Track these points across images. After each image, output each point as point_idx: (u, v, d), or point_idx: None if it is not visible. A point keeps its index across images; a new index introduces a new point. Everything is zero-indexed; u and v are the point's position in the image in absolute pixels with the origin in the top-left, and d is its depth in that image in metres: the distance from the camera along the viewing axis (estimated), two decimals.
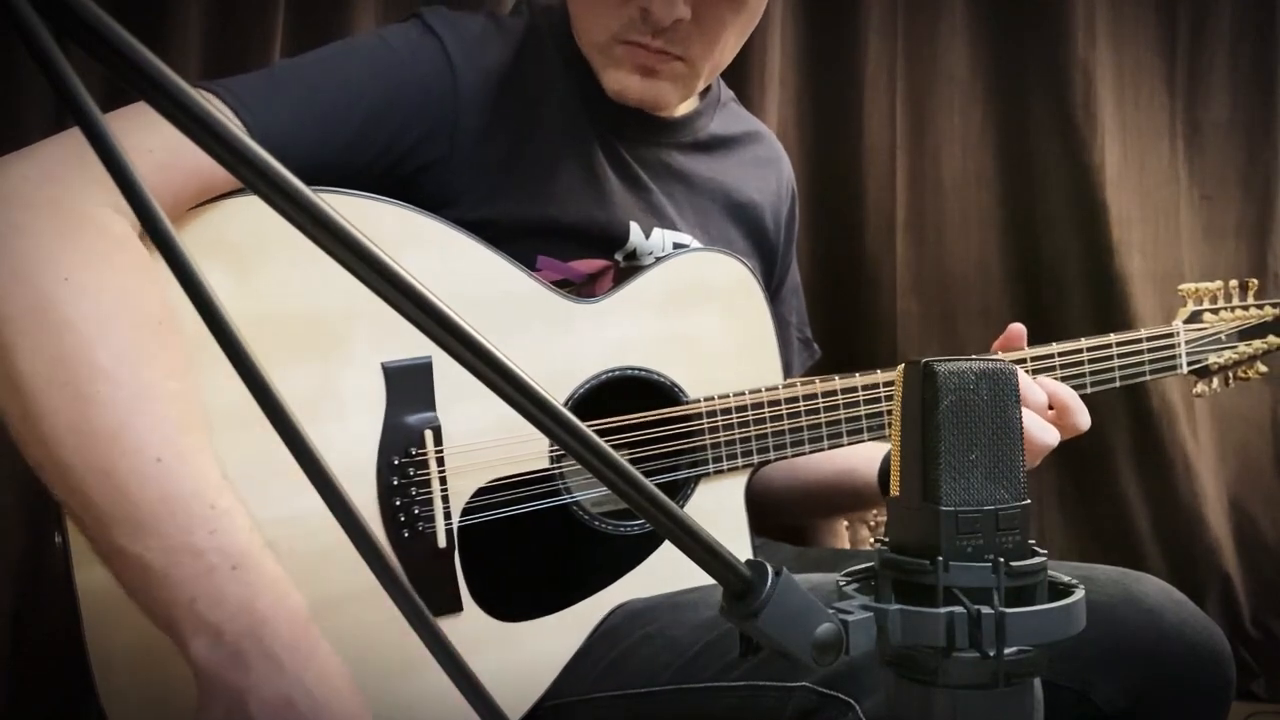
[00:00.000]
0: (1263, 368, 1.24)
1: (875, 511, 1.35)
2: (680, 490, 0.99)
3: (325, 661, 0.71)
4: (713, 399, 0.98)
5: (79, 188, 0.74)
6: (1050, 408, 1.00)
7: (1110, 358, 1.12)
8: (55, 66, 0.29)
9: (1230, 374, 1.23)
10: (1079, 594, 0.45)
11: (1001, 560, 0.43)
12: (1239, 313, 1.22)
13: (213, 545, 0.69)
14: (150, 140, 0.75)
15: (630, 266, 1.02)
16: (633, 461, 0.38)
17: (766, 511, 1.21)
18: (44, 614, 1.26)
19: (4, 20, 0.28)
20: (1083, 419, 1.01)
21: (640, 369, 0.97)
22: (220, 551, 0.69)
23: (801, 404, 1.00)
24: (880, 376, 1.03)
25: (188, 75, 0.75)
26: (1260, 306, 1.23)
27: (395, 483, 0.86)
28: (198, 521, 0.69)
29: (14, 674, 1.26)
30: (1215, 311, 1.21)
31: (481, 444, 0.89)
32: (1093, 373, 1.10)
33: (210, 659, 0.68)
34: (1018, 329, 1.08)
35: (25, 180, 0.75)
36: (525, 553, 0.92)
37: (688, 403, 0.98)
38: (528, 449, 0.91)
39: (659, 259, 1.01)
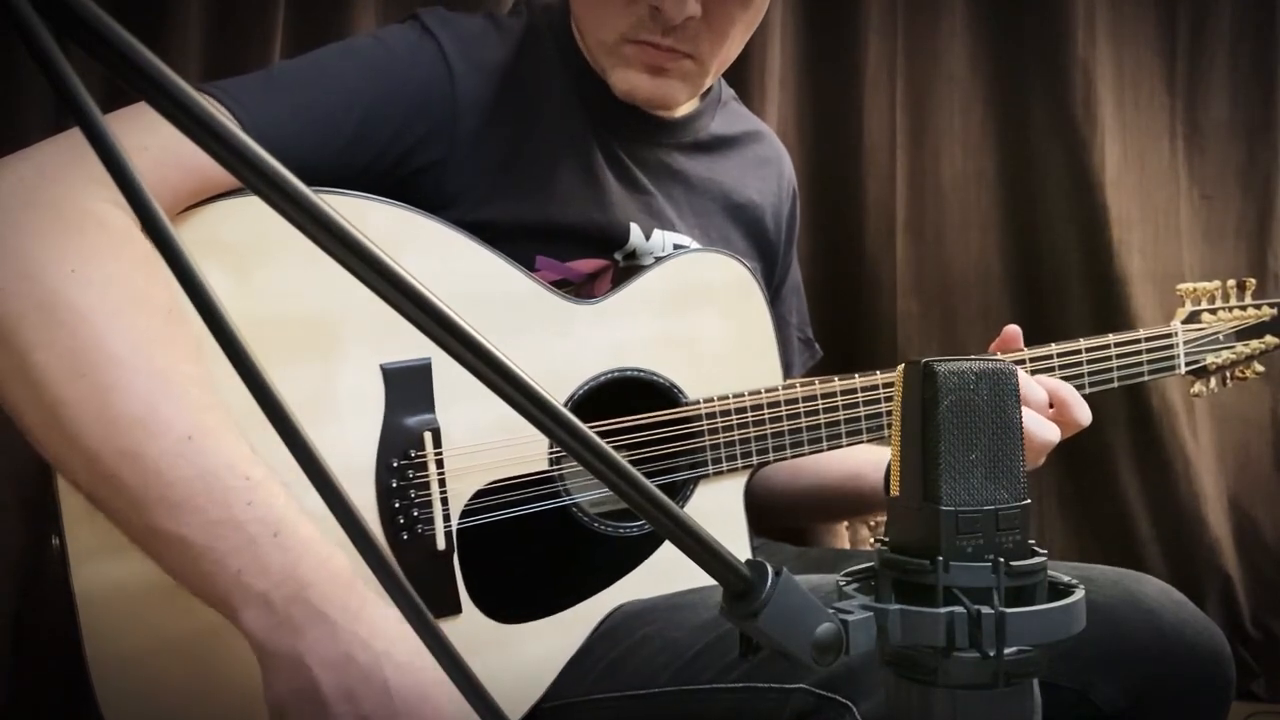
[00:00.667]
0: (1259, 367, 1.24)
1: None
2: (680, 491, 0.99)
3: (376, 614, 0.71)
4: (712, 400, 0.98)
5: (79, 185, 0.75)
6: (1050, 405, 1.00)
7: (1109, 358, 1.12)
8: (55, 66, 0.29)
9: (1228, 374, 1.23)
10: (1079, 594, 0.45)
11: (1001, 560, 0.43)
12: (1236, 313, 1.22)
13: (252, 516, 0.70)
14: (146, 139, 0.75)
15: (630, 266, 1.02)
16: (632, 463, 0.38)
17: (769, 514, 1.21)
18: (44, 614, 1.26)
19: (4, 20, 0.28)
20: (1083, 414, 1.01)
21: (640, 370, 0.97)
22: (260, 521, 0.70)
23: (801, 405, 1.00)
24: (880, 378, 1.03)
25: (188, 75, 0.75)
26: (1258, 306, 1.23)
27: (394, 485, 0.86)
28: (234, 494, 0.70)
29: (14, 674, 1.26)
30: (1214, 312, 1.21)
31: (480, 446, 0.89)
32: (1091, 373, 1.10)
33: (263, 628, 0.69)
34: (1013, 330, 1.08)
35: (23, 181, 0.75)
36: (524, 554, 0.92)
37: (687, 404, 0.98)
38: (527, 451, 0.91)
39: (659, 259, 1.01)
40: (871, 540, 1.02)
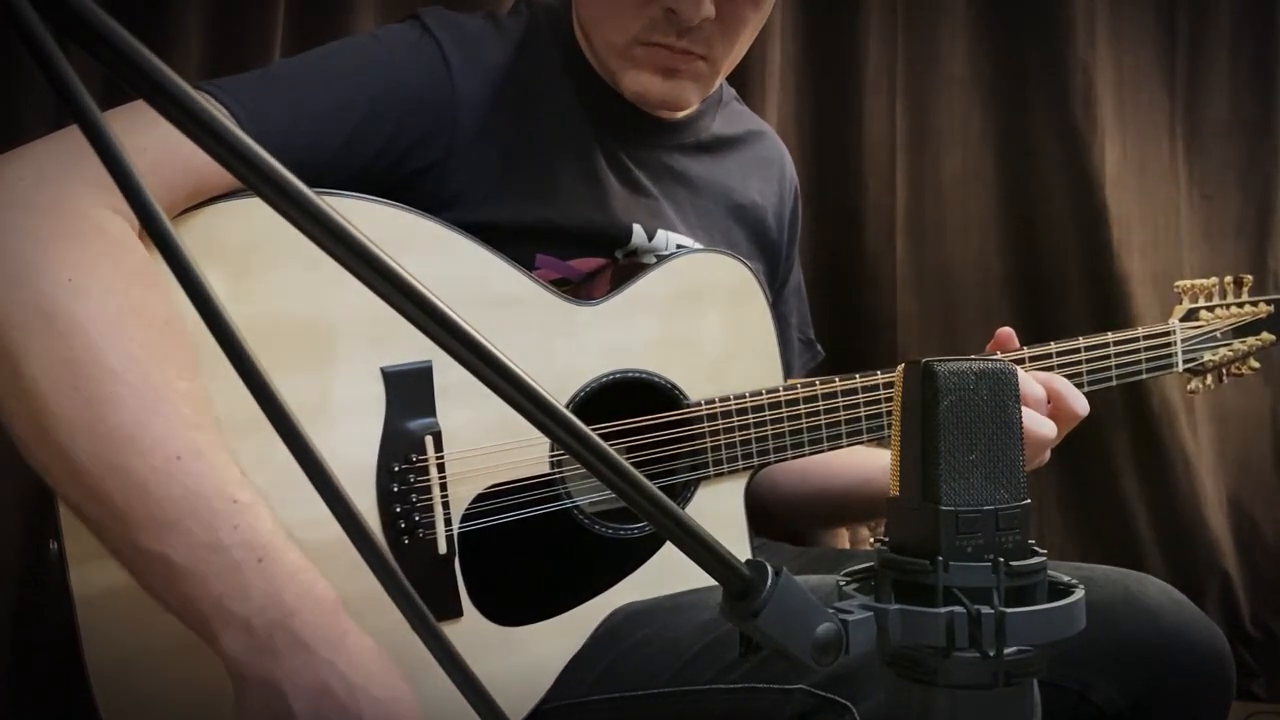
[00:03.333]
0: (1255, 364, 1.24)
1: None
2: (680, 493, 0.99)
3: (356, 646, 0.71)
4: (713, 401, 0.98)
5: (76, 189, 0.74)
6: (1047, 400, 1.00)
7: (1107, 356, 1.12)
8: (55, 66, 0.29)
9: (1224, 370, 1.23)
10: (1079, 594, 0.45)
11: (1001, 560, 0.43)
12: (1234, 310, 1.22)
13: (237, 540, 0.69)
14: (144, 139, 0.74)
15: (630, 264, 1.02)
16: (634, 464, 0.38)
17: (776, 518, 1.21)
18: (44, 615, 1.26)
19: (4, 20, 0.28)
20: (1080, 405, 1.01)
21: (641, 371, 0.97)
22: (245, 546, 0.69)
23: (802, 406, 1.00)
24: (880, 378, 1.03)
25: (188, 75, 0.75)
26: (1255, 303, 1.23)
27: (395, 489, 0.86)
28: (221, 517, 0.69)
29: (14, 674, 1.26)
30: (1211, 309, 1.21)
31: (481, 449, 0.89)
32: (1090, 371, 1.10)
33: (242, 653, 0.68)
34: (1006, 332, 1.08)
35: (21, 182, 0.74)
36: (525, 557, 0.92)
37: (688, 405, 0.98)
38: (527, 454, 0.91)
39: (660, 259, 1.01)
40: (871, 540, 1.02)
